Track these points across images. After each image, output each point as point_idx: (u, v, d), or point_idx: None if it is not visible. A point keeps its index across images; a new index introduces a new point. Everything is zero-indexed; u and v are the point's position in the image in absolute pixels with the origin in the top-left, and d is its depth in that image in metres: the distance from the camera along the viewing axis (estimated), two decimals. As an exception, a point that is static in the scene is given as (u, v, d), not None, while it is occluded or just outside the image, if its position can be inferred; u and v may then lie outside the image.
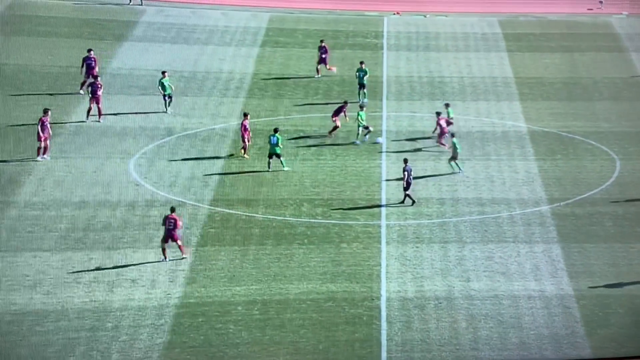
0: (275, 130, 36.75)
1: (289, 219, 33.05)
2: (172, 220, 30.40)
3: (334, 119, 39.73)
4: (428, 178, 36.62)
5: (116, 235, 31.33)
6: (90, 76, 41.65)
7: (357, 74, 43.49)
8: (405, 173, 34.16)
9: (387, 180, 36.13)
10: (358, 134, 39.06)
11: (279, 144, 36.46)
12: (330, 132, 39.51)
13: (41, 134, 36.19)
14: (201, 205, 33.73)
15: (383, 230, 32.57)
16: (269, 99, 43.62)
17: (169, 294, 28.21)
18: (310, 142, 39.42)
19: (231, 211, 33.44)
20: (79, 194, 33.98)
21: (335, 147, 38.75)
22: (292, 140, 39.34)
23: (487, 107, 43.84)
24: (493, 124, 41.91)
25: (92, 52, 42.81)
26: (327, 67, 46.00)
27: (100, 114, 39.85)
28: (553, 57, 49.85)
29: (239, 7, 56.37)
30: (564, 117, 42.55)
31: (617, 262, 30.65)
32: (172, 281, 28.96)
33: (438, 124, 39.05)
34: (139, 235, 31.42)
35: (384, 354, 26.04)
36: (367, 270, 29.95)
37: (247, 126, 37.78)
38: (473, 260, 30.61)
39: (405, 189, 34.19)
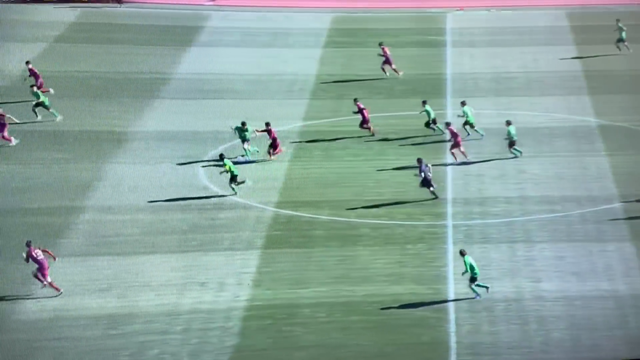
0: (221, 157, 34.68)
1: (353, 220, 32.84)
2: (37, 252, 28.14)
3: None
4: (495, 177, 36.08)
5: (186, 238, 31.45)
6: (36, 86, 40.85)
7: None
8: (422, 173, 33.63)
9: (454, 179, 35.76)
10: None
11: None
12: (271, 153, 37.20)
13: None
14: (267, 207, 33.73)
15: (449, 230, 32.13)
16: (331, 100, 43.47)
17: (237, 297, 28.23)
18: (372, 142, 39.15)
19: (296, 213, 33.37)
20: (151, 198, 34.15)
21: (399, 147, 38.44)
22: (356, 141, 39.13)
23: (555, 102, 43.04)
24: (561, 120, 41.12)
25: (29, 64, 42.33)
26: (393, 68, 45.57)
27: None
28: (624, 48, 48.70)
29: (301, 8, 56.47)
30: (635, 111, 41.51)
31: (693, 259, 29.75)
32: (239, 284, 28.97)
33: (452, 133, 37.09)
34: (207, 238, 31.48)
35: (452, 358, 25.64)
36: (433, 272, 29.55)
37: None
38: (543, 261, 29.99)
39: (423, 185, 33.64)
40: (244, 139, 37.00)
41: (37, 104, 39.80)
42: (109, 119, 40.67)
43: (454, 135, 37.05)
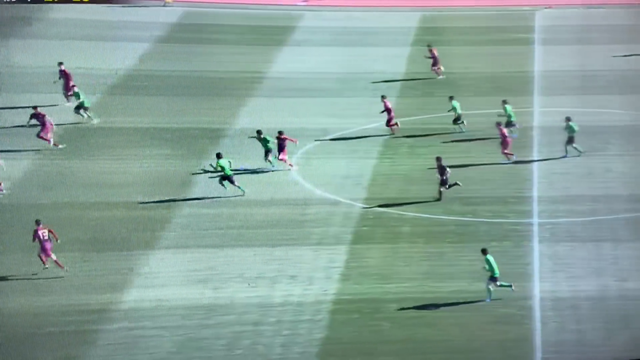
0: (219, 156, 34.20)
1: (439, 217, 32.88)
2: (44, 232, 29.14)
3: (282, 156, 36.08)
4: (581, 175, 35.62)
5: (277, 232, 31.99)
6: (70, 88, 40.90)
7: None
8: (439, 170, 33.76)
9: (539, 177, 35.44)
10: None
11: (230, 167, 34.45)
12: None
13: None
14: (355, 203, 34.04)
15: (535, 228, 31.90)
16: (418, 98, 43.52)
17: (325, 291, 28.59)
18: (458, 139, 39.07)
19: (383, 209, 33.60)
20: (245, 192, 34.60)
21: (485, 144, 38.24)
22: (442, 138, 39.06)
23: (642, 100, 42.23)
24: (648, 118, 40.34)
25: (62, 65, 41.89)
26: (437, 68, 45.26)
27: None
28: None
29: (390, 7, 56.62)
30: None
31: None
32: (328, 278, 29.32)
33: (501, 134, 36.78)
34: (297, 233, 31.99)
35: (538, 355, 25.53)
36: (518, 269, 29.43)
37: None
38: (629, 260, 29.55)
39: (442, 183, 33.74)
40: (267, 149, 36.34)
41: (78, 106, 39.93)
42: (207, 117, 41.46)
43: (503, 135, 36.74)
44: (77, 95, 40.40)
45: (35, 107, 38.53)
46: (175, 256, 30.53)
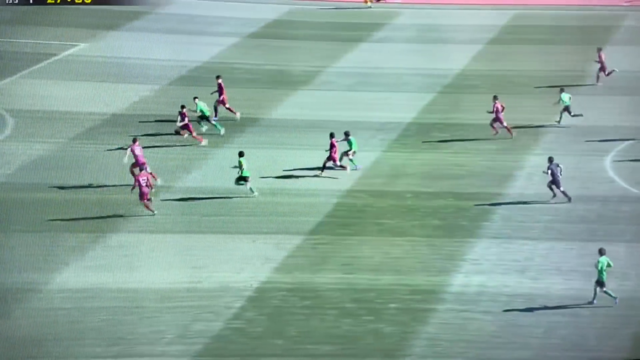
0: (241, 154, 33.76)
1: None
2: (144, 178, 31.15)
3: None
4: None
5: (590, 228, 32.57)
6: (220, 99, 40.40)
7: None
8: (549, 171, 32.67)
9: None
10: None
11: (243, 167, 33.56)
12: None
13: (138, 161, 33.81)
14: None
15: None
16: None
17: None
18: None
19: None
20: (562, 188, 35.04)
21: None
22: None
23: None
24: None
25: (220, 79, 40.26)
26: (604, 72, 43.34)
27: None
28: None
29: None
30: None
31: None
32: (640, 275, 29.31)
33: None
34: (611, 229, 32.36)
35: None
36: None
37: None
38: None
39: (551, 184, 32.85)
40: (350, 149, 36.46)
41: (200, 117, 39.64)
42: (528, 114, 42.41)
43: None
44: (214, 107, 40.32)
45: (183, 107, 38.21)
46: (496, 246, 31.78)
